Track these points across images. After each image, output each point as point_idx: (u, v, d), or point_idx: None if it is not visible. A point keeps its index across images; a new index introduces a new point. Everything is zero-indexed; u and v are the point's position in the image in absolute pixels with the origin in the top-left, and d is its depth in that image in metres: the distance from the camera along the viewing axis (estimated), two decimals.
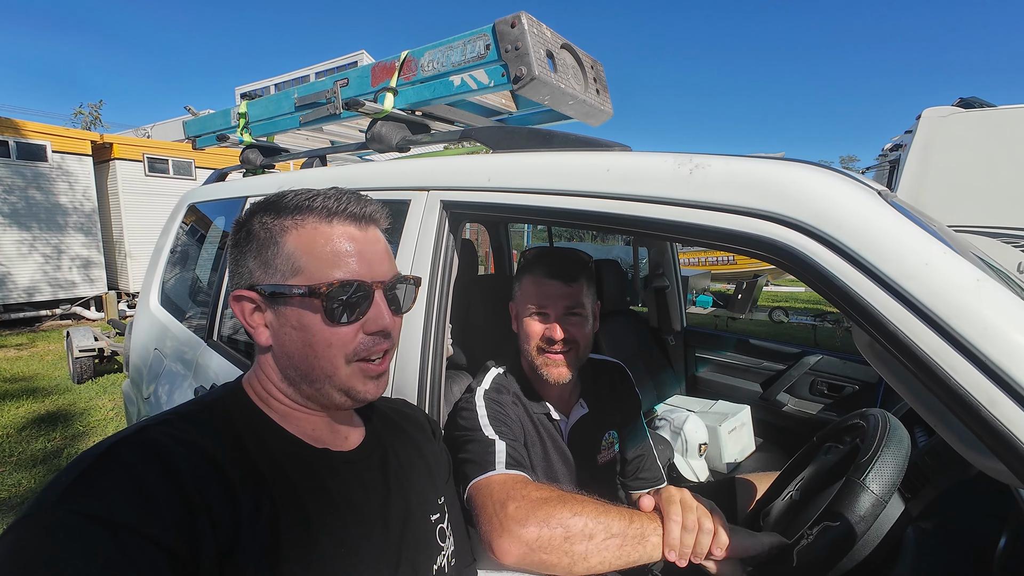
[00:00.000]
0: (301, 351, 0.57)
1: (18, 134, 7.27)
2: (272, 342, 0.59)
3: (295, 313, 0.57)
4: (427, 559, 0.66)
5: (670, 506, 0.74)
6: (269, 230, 0.58)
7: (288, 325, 0.57)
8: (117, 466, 0.45)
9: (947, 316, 0.49)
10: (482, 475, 0.86)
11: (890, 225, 0.55)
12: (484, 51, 1.09)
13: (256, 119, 1.69)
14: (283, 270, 0.56)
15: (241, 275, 0.59)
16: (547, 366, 1.03)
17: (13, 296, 7.43)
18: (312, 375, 0.58)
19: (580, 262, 1.08)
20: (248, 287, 0.58)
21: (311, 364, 0.58)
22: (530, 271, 1.07)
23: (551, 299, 1.03)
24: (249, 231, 0.59)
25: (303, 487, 0.55)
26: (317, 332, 0.56)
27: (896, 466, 0.74)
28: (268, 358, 0.60)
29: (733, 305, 7.18)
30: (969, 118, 3.13)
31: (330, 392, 0.59)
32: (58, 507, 0.42)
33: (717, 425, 1.88)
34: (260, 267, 0.57)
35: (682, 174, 0.69)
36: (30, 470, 3.07)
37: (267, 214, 0.59)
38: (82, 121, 22.84)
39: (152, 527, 0.42)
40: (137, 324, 2.21)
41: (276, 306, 0.57)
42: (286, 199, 0.59)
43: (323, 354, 0.57)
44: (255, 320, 0.58)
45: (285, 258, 0.57)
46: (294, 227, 0.57)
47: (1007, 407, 0.46)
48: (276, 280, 0.57)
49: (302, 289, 0.56)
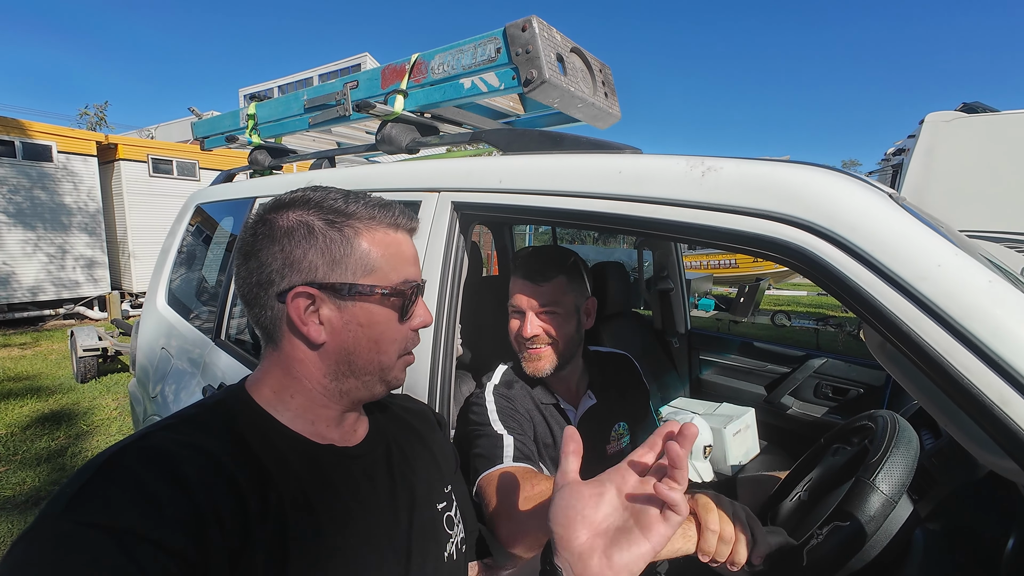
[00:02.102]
0: (366, 347, 0.59)
1: (24, 134, 7.31)
2: (326, 339, 0.57)
3: (366, 310, 0.58)
4: (437, 547, 0.66)
5: (707, 514, 0.72)
6: (339, 228, 0.57)
7: (355, 322, 0.58)
8: (121, 473, 0.45)
9: (960, 316, 0.50)
10: (491, 468, 0.87)
11: (902, 227, 0.56)
12: (495, 54, 1.10)
13: (265, 120, 1.70)
14: (354, 269, 0.57)
15: (295, 271, 0.56)
16: (526, 360, 1.08)
17: (17, 295, 7.46)
18: (368, 368, 0.60)
19: (554, 261, 1.10)
20: (307, 283, 0.56)
21: (372, 359, 0.60)
22: (512, 272, 1.12)
23: (523, 298, 1.07)
24: (309, 227, 0.57)
25: (310, 484, 0.55)
26: (388, 330, 0.60)
27: (906, 467, 0.75)
28: (311, 355, 0.58)
29: (735, 309, 7.18)
30: (972, 123, 3.13)
31: (375, 384, 0.61)
32: (63, 518, 0.41)
33: (722, 427, 1.89)
34: (327, 264, 0.56)
35: (694, 176, 0.70)
36: (34, 468, 3.08)
37: (327, 212, 0.58)
38: (87, 122, 22.95)
39: (159, 532, 0.42)
40: (144, 324, 2.22)
41: (343, 303, 0.57)
42: (351, 202, 0.59)
43: (387, 350, 0.60)
44: (308, 317, 0.57)
45: (358, 258, 0.58)
46: (366, 230, 0.59)
47: (1018, 405, 0.46)
48: (348, 279, 0.57)
49: (385, 289, 0.58)
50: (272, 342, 0.60)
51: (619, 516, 0.46)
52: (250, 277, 0.58)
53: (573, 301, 1.09)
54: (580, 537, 0.45)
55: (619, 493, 0.47)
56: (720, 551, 0.70)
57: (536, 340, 1.06)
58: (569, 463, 0.50)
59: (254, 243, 0.58)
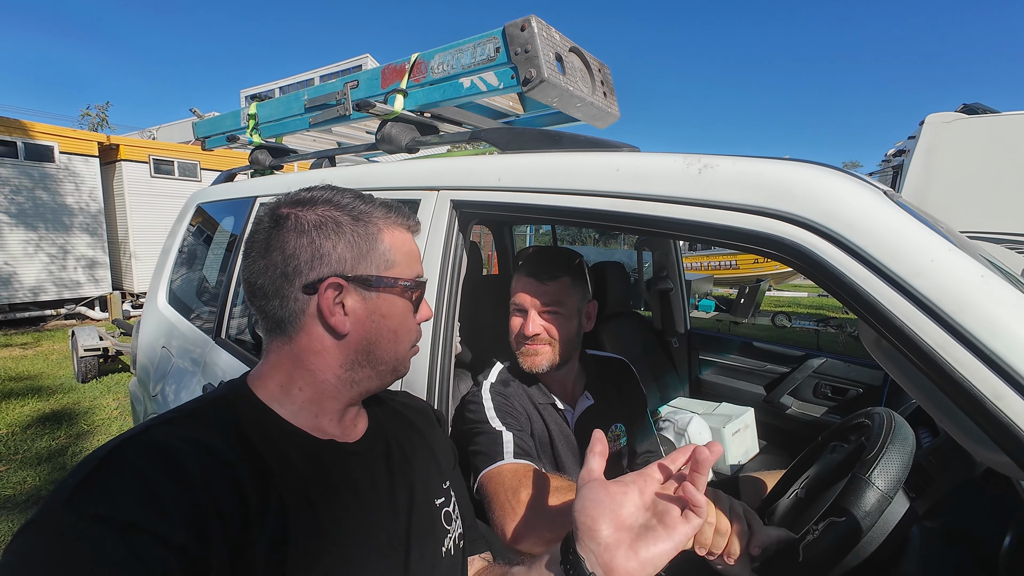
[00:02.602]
0: (387, 337, 0.62)
1: (26, 135, 7.33)
2: (350, 329, 0.60)
3: (388, 302, 0.62)
4: (435, 543, 0.67)
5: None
6: (365, 224, 0.61)
7: (378, 313, 0.61)
8: (123, 466, 0.45)
9: (953, 311, 0.50)
10: (492, 465, 0.88)
11: (897, 223, 0.56)
12: (494, 54, 1.10)
13: (266, 120, 1.71)
14: (378, 263, 0.61)
15: (324, 263, 0.58)
16: (523, 355, 1.08)
17: (19, 296, 7.47)
18: (384, 358, 0.63)
19: (560, 261, 1.10)
20: (337, 275, 0.59)
21: (389, 349, 0.63)
22: (516, 270, 1.12)
23: (527, 296, 1.07)
24: (337, 222, 0.60)
25: (310, 480, 0.56)
26: (406, 321, 0.64)
27: (901, 463, 0.75)
28: (331, 344, 0.60)
29: (736, 310, 7.18)
30: (973, 124, 3.13)
31: (387, 374, 0.65)
32: (65, 510, 0.42)
33: (721, 427, 1.89)
34: (355, 257, 0.59)
35: (691, 173, 0.71)
36: (35, 468, 3.08)
37: (350, 210, 0.61)
38: (89, 123, 22.98)
39: (161, 525, 0.42)
40: (145, 323, 2.23)
41: (368, 295, 0.60)
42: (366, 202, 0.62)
43: (404, 340, 0.65)
44: (336, 308, 0.59)
45: (381, 252, 0.61)
46: (387, 227, 0.63)
47: (1012, 399, 0.47)
48: (373, 271, 0.60)
49: (408, 282, 0.63)
50: (284, 335, 0.60)
51: (642, 515, 0.49)
52: (273, 270, 0.58)
53: (576, 303, 1.09)
54: (605, 530, 0.47)
55: (641, 494, 0.50)
56: (716, 543, 0.70)
57: (537, 339, 1.06)
58: (595, 462, 0.53)
59: (278, 237, 0.58)
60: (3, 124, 7.11)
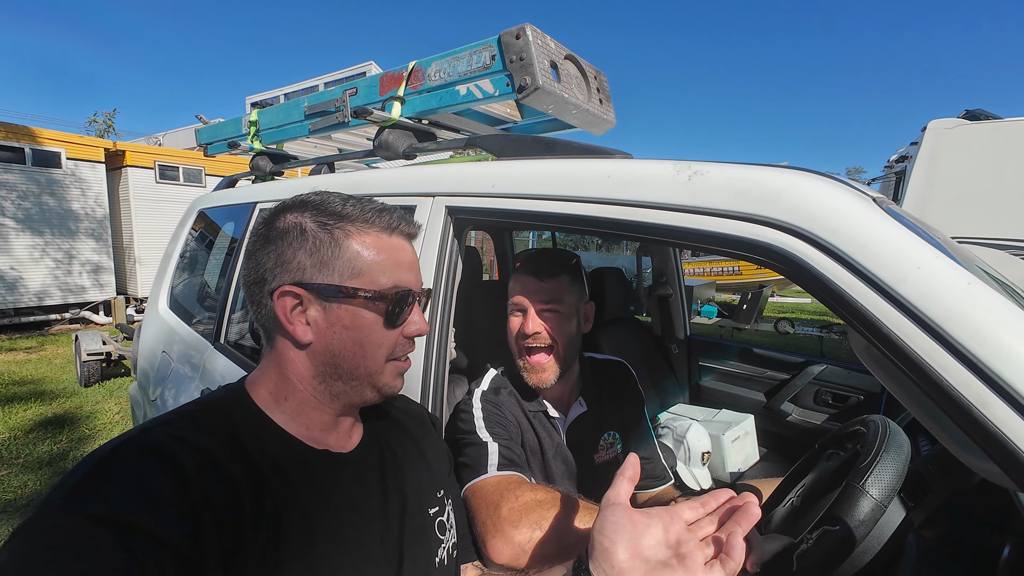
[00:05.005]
0: (350, 350, 0.59)
1: (33, 141, 7.42)
2: (312, 339, 0.58)
3: (351, 313, 0.58)
4: (428, 553, 0.66)
5: None
6: (329, 231, 0.58)
7: (339, 324, 0.58)
8: (121, 467, 0.45)
9: (939, 318, 0.50)
10: (476, 478, 0.87)
11: (883, 229, 0.56)
12: (490, 61, 1.11)
13: (266, 127, 1.73)
14: (341, 271, 0.58)
15: (285, 270, 0.58)
16: (528, 371, 1.06)
17: (24, 300, 7.53)
18: (354, 373, 0.60)
19: (558, 260, 1.10)
20: (295, 283, 0.57)
21: (357, 363, 0.60)
22: (514, 271, 1.12)
23: (526, 294, 1.06)
24: (302, 228, 0.58)
25: (303, 488, 0.56)
26: (372, 333, 0.59)
27: (895, 471, 0.74)
28: (301, 354, 0.59)
29: (738, 316, 7.15)
30: (975, 130, 3.13)
31: (364, 390, 0.61)
32: (63, 509, 0.42)
33: (720, 434, 1.88)
34: (315, 265, 0.57)
35: (681, 180, 0.71)
36: (36, 472, 3.09)
37: (322, 215, 0.59)
38: (96, 129, 23.24)
39: (157, 526, 0.42)
40: (145, 327, 2.24)
41: (328, 304, 0.58)
42: (348, 205, 0.60)
43: (372, 354, 0.60)
44: (295, 317, 0.58)
45: (346, 261, 0.58)
46: (357, 233, 0.59)
47: (997, 407, 0.46)
48: (335, 280, 0.57)
49: (369, 293, 0.58)
50: (268, 341, 0.61)
51: (662, 552, 0.47)
52: (249, 276, 0.60)
53: (574, 301, 1.09)
54: (622, 554, 0.46)
55: (666, 531, 0.48)
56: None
57: (537, 339, 1.04)
58: (622, 486, 0.51)
59: (255, 243, 0.60)
60: (11, 130, 7.20)
